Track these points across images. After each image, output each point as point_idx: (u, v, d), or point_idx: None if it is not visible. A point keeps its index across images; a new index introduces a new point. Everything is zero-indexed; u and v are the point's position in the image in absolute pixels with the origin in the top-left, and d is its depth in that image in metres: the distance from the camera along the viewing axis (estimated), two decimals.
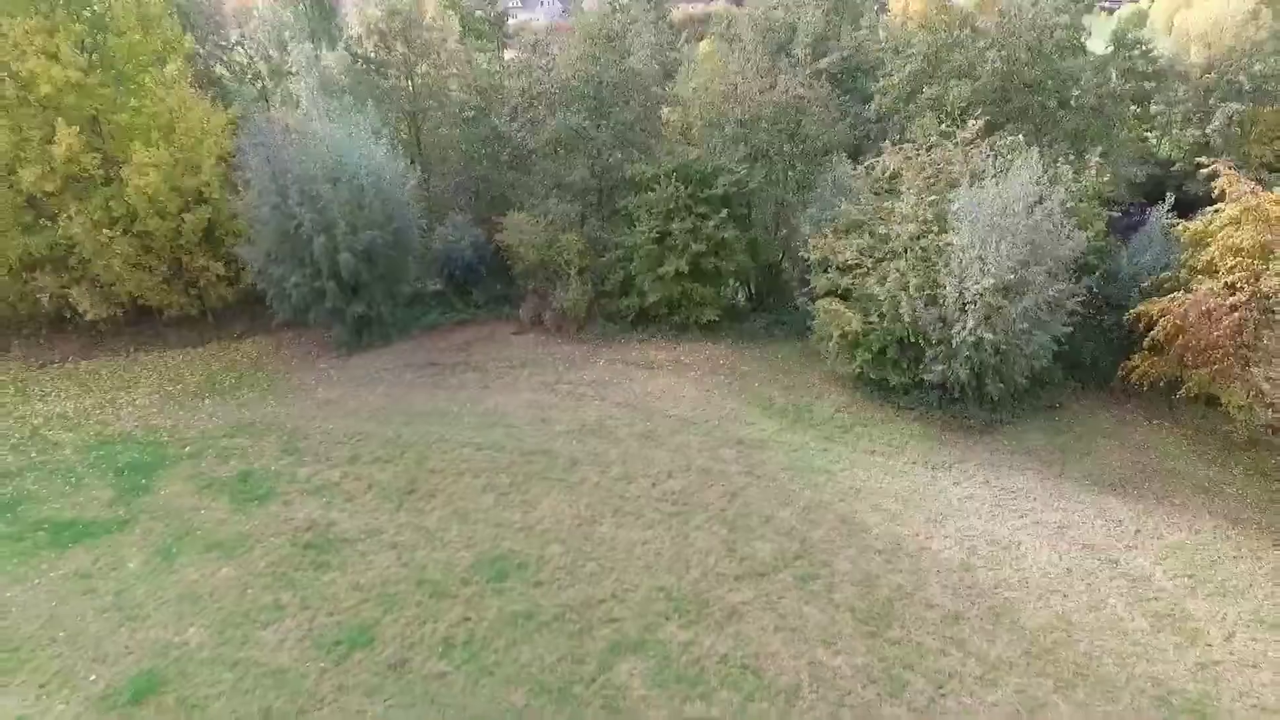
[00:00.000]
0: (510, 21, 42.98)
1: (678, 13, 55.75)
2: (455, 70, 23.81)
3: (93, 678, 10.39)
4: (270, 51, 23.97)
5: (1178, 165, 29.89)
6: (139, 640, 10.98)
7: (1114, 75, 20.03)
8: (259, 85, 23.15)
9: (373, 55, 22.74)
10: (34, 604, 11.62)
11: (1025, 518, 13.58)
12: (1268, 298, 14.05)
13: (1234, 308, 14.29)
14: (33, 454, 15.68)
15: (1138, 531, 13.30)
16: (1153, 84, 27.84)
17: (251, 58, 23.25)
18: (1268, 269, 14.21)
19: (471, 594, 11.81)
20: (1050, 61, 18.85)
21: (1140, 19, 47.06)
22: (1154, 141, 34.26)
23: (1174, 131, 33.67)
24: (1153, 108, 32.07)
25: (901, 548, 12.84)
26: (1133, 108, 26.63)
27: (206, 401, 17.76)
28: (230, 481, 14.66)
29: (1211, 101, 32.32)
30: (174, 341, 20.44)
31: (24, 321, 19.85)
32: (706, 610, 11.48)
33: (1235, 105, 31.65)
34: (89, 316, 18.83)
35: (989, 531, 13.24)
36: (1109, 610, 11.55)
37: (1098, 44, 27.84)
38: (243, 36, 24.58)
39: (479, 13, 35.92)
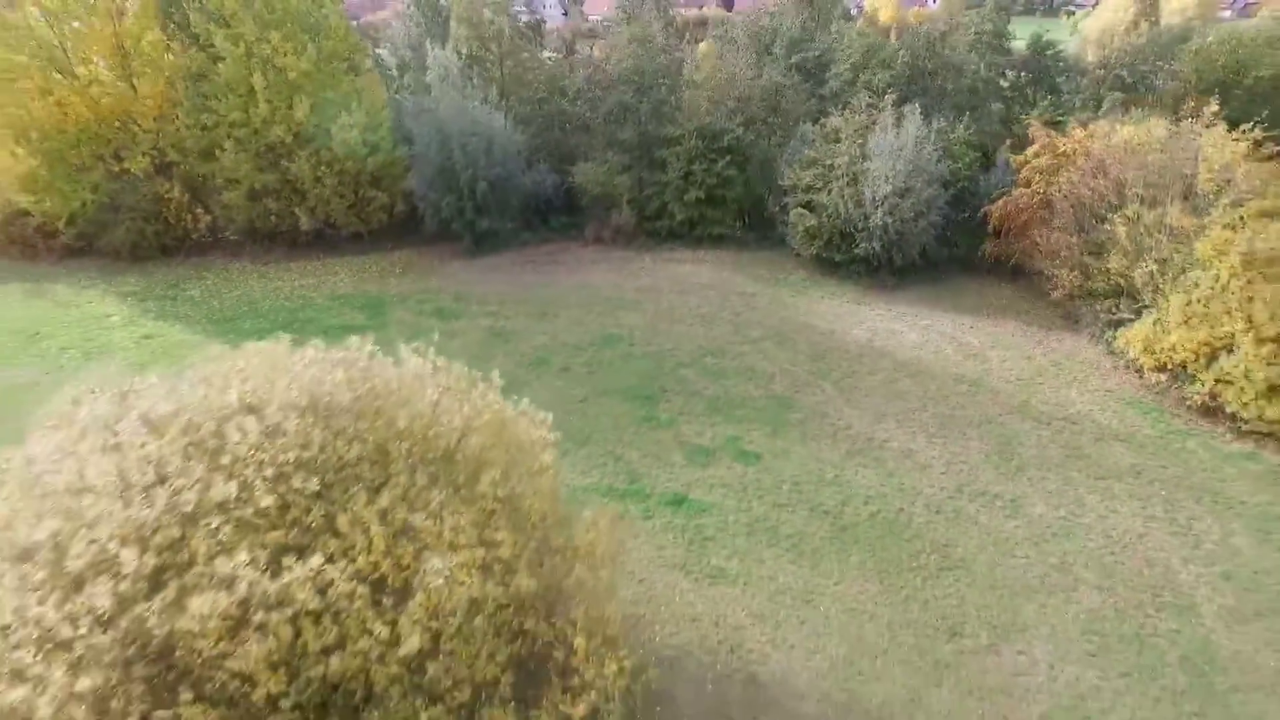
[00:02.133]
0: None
1: (678, 17, 67.03)
2: (530, 65, 34.76)
3: None
4: (404, 51, 34.84)
5: None
6: None
7: (982, 68, 31.18)
8: (402, 75, 34.06)
9: (475, 54, 33.62)
10: None
11: (906, 322, 24.53)
12: (1049, 201, 25.06)
13: (1032, 206, 25.37)
14: (298, 302, 26.30)
15: (972, 327, 24.25)
16: (1063, 76, 39.25)
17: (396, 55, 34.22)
18: (1051, 182, 25.27)
19: (594, 349, 22.55)
20: (941, 58, 30.10)
21: (1074, 25, 59.29)
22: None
23: (1075, 112, 45.08)
24: (1064, 96, 43.46)
25: (834, 333, 23.74)
26: (1048, 95, 38.02)
27: (390, 280, 28.46)
28: (433, 312, 25.34)
29: (1102, 91, 43.77)
30: (347, 251, 31.01)
31: (252, 234, 30.40)
32: (725, 353, 22.30)
33: (1119, 94, 43.07)
34: (304, 227, 29.45)
35: (885, 328, 24.17)
36: (943, 353, 22.45)
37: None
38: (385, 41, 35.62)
39: (524, 19, 47.02)
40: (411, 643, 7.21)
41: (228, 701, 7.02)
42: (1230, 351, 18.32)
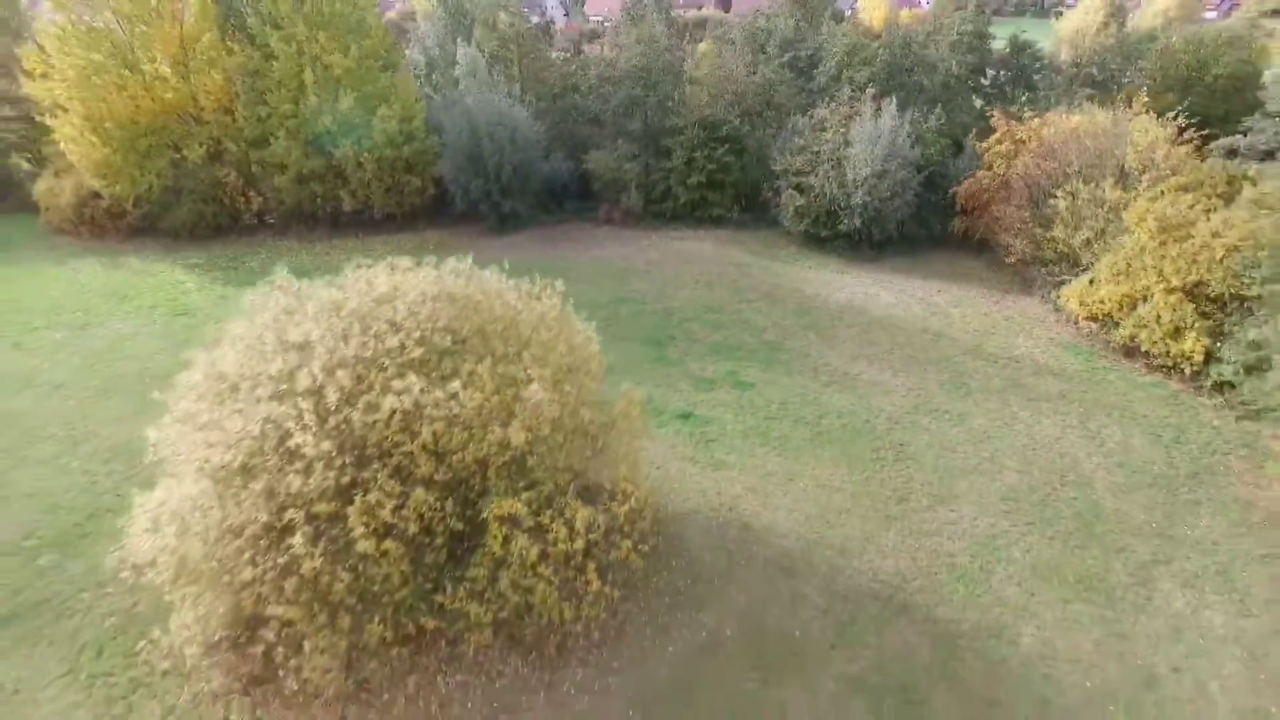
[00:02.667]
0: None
1: (679, 18, 71.14)
2: (546, 63, 38.76)
3: None
4: (434, 50, 38.85)
5: None
6: None
7: (954, 65, 35.21)
8: (430, 73, 38.13)
9: (496, 53, 37.60)
10: None
11: (882, 286, 28.51)
12: (1008, 181, 29.07)
13: (993, 186, 29.37)
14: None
15: (939, 291, 28.22)
16: (1039, 74, 43.37)
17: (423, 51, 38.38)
18: (1010, 164, 29.27)
19: (610, 307, 26.42)
20: (917, 57, 34.15)
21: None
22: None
23: (1053, 106, 49.20)
24: (1040, 92, 47.56)
25: (819, 296, 27.69)
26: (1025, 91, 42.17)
27: (424, 254, 32.27)
28: None
29: (1074, 87, 47.87)
30: (383, 231, 34.90)
31: (298, 215, 34.29)
32: (724, 310, 26.22)
33: (1089, 90, 47.16)
34: (346, 209, 33.37)
35: (863, 291, 28.13)
36: (913, 311, 26.41)
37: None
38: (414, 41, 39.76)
39: (534, 20, 51.05)
40: (518, 438, 11.09)
41: (400, 477, 10.90)
42: (1145, 301, 22.30)
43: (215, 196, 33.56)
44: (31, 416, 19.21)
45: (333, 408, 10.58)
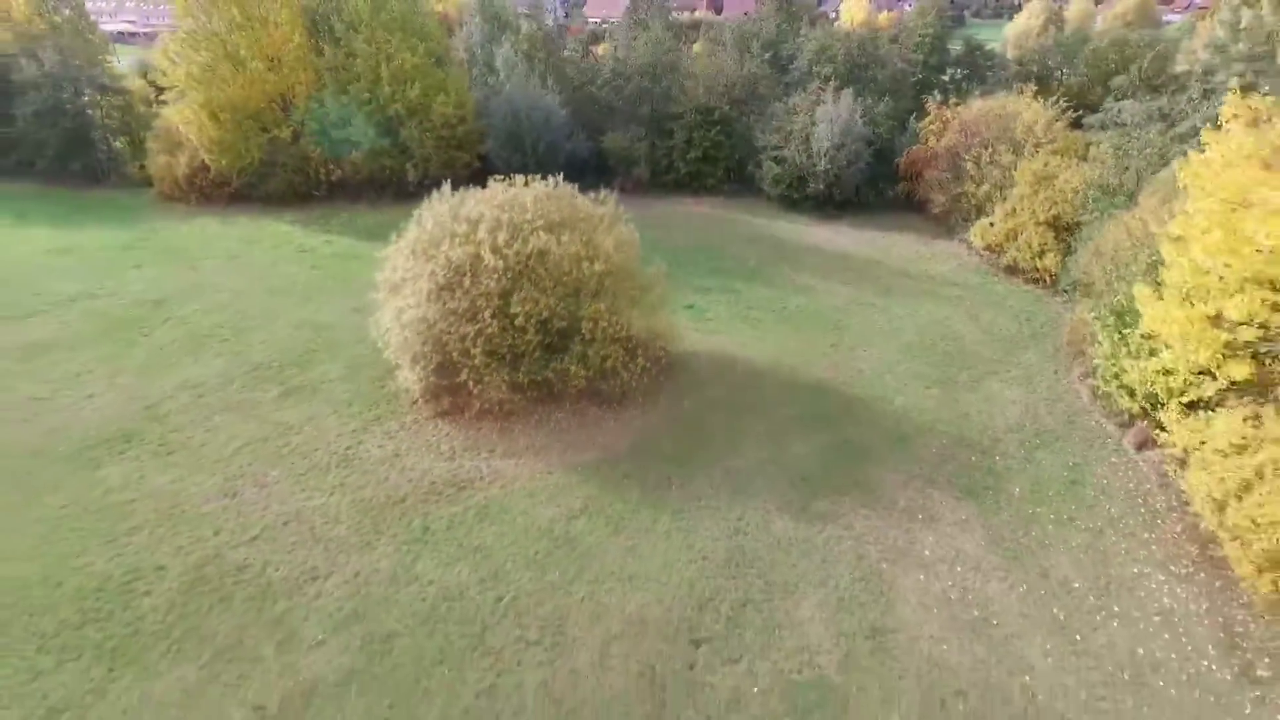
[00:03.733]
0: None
1: (676, 21, 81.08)
2: (567, 61, 48.45)
3: None
4: (475, 49, 48.51)
5: None
6: None
7: (898, 63, 45.02)
8: (471, 69, 47.83)
9: (526, 52, 47.24)
10: None
11: (840, 234, 38.20)
12: (936, 153, 38.83)
13: (926, 157, 39.14)
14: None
15: (884, 236, 37.89)
16: (990, 71, 53.38)
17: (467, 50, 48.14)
18: (939, 139, 39.03)
19: (659, 235, 35.91)
20: (871, 55, 44.05)
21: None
22: None
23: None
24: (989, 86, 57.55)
25: (791, 240, 37.32)
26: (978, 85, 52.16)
27: None
28: None
29: (1015, 83, 57.87)
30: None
31: (370, 184, 43.70)
32: (716, 248, 35.79)
33: (1031, 85, 57.19)
34: (410, 179, 42.82)
35: (825, 237, 37.81)
36: (862, 249, 36.06)
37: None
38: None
39: (550, 20, 60.73)
40: (598, 268, 20.45)
41: (536, 287, 20.23)
42: (1023, 233, 31.97)
43: (302, 169, 42.91)
44: (235, 305, 28.52)
45: (501, 245, 19.96)
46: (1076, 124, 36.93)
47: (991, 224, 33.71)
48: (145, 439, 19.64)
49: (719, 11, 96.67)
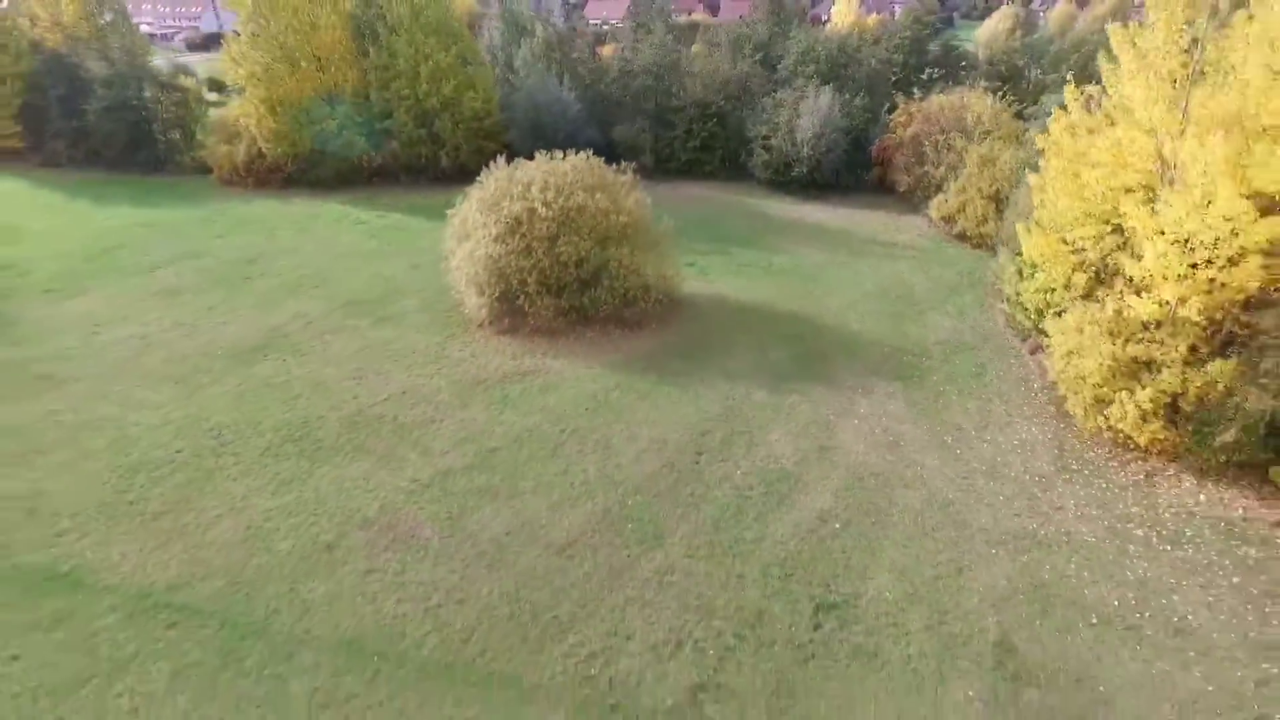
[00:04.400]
0: None
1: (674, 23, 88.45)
2: (579, 60, 55.68)
3: None
4: (498, 51, 55.67)
5: None
6: None
7: (873, 62, 52.28)
8: (494, 68, 55.05)
9: (543, 53, 54.41)
10: None
11: (820, 210, 45.42)
12: (903, 141, 46.03)
13: (894, 145, 46.34)
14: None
15: (856, 213, 45.14)
16: (963, 70, 60.72)
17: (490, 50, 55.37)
18: (906, 129, 46.24)
19: (664, 212, 43.01)
20: (849, 56, 51.33)
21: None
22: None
23: None
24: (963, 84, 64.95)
25: (777, 216, 44.51)
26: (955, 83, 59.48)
27: None
28: None
29: (983, 82, 65.30)
30: (468, 182, 51.33)
31: (407, 170, 50.73)
32: (713, 221, 42.93)
33: (998, 83, 64.62)
34: (443, 165, 49.85)
35: (807, 213, 45.03)
36: (837, 223, 43.27)
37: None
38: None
39: (557, 23, 67.99)
40: (622, 219, 27.48)
41: (576, 233, 27.19)
42: (969, 206, 39.14)
43: (348, 156, 49.94)
44: (314, 263, 35.50)
45: (549, 200, 26.95)
46: (1020, 115, 44.18)
47: (946, 199, 40.87)
48: (279, 348, 26.63)
49: (715, 13, 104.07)
